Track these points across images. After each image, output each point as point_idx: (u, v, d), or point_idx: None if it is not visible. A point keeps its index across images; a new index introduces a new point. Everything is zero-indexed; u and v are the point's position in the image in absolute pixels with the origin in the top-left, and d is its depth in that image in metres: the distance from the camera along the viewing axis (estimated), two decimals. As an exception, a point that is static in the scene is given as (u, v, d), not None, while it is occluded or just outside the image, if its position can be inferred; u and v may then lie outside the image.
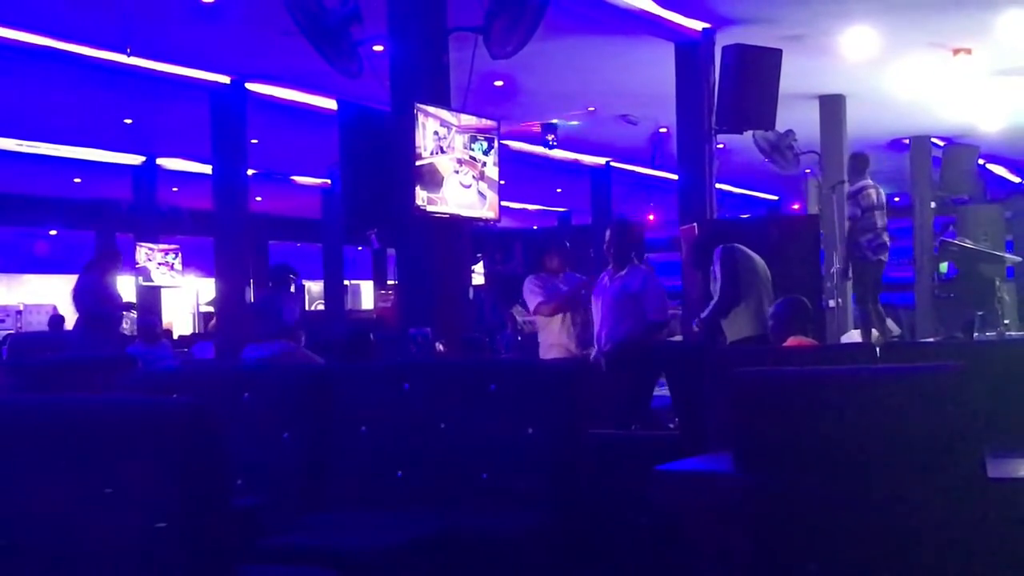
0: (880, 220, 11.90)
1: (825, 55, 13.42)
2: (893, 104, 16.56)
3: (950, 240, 17.65)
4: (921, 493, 2.84)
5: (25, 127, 17.16)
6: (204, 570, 2.41)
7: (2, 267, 25.99)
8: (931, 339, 14.16)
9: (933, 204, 19.17)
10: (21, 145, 18.01)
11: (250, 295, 14.91)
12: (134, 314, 16.30)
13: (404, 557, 3.80)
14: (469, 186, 8.94)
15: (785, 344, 6.70)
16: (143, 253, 20.62)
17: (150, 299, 20.74)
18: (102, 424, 2.49)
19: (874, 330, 12.03)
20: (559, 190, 26.02)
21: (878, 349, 5.15)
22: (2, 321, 21.77)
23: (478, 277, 24.06)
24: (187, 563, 2.38)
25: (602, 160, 22.34)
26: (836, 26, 12.47)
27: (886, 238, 12.00)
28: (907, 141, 19.45)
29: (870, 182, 12.01)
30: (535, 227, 30.14)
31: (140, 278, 20.46)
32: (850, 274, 12.32)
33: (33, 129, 17.34)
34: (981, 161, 19.96)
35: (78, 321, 11.13)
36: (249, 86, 14.41)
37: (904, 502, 2.86)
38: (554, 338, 8.65)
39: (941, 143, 19.56)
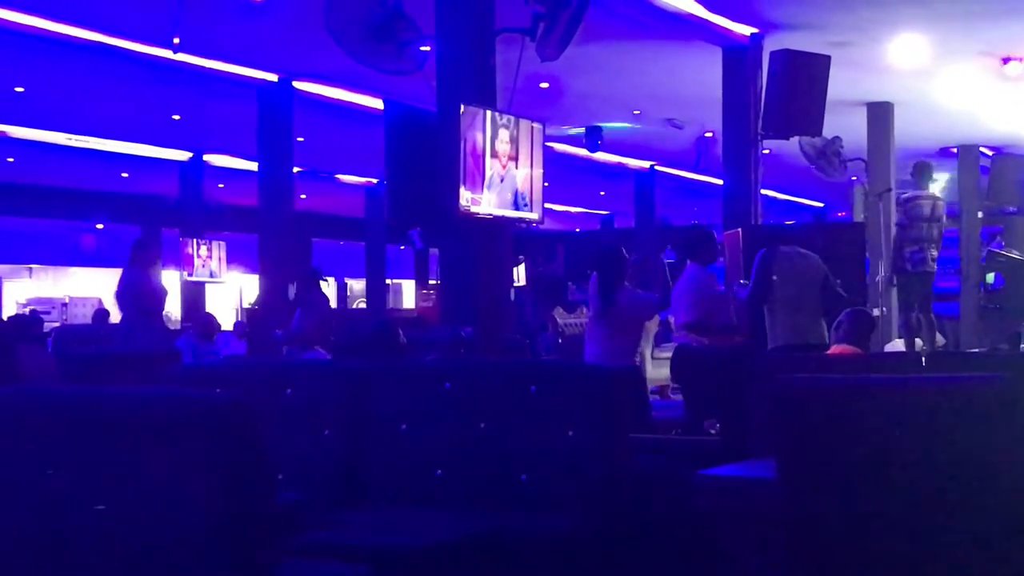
0: (929, 232, 11.70)
1: (873, 62, 13.33)
2: (941, 112, 16.44)
3: (997, 250, 17.52)
4: (966, 505, 2.82)
5: (74, 121, 17.34)
6: (246, 565, 2.42)
7: (49, 260, 26.29)
8: (976, 350, 14.03)
9: (980, 214, 19.02)
10: (70, 139, 18.21)
11: (292, 292, 14.96)
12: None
13: (442, 556, 3.80)
14: (513, 187, 8.93)
15: (828, 351, 6.71)
16: (188, 248, 20.77)
17: (194, 295, 20.90)
18: (144, 417, 2.50)
19: (918, 339, 11.93)
20: (602, 193, 25.99)
21: (923, 359, 5.12)
22: (48, 313, 21.93)
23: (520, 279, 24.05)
24: (230, 558, 2.39)
25: (646, 164, 22.29)
26: (885, 33, 12.39)
27: (934, 252, 11.76)
28: (955, 150, 19.29)
29: (927, 193, 11.83)
30: (578, 229, 30.11)
31: (184, 273, 20.60)
32: (894, 282, 12.22)
33: (82, 123, 17.52)
34: (1030, 172, 19.77)
35: (124, 318, 11.10)
36: (296, 84, 14.48)
37: (948, 514, 2.84)
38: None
39: (990, 152, 19.40)
